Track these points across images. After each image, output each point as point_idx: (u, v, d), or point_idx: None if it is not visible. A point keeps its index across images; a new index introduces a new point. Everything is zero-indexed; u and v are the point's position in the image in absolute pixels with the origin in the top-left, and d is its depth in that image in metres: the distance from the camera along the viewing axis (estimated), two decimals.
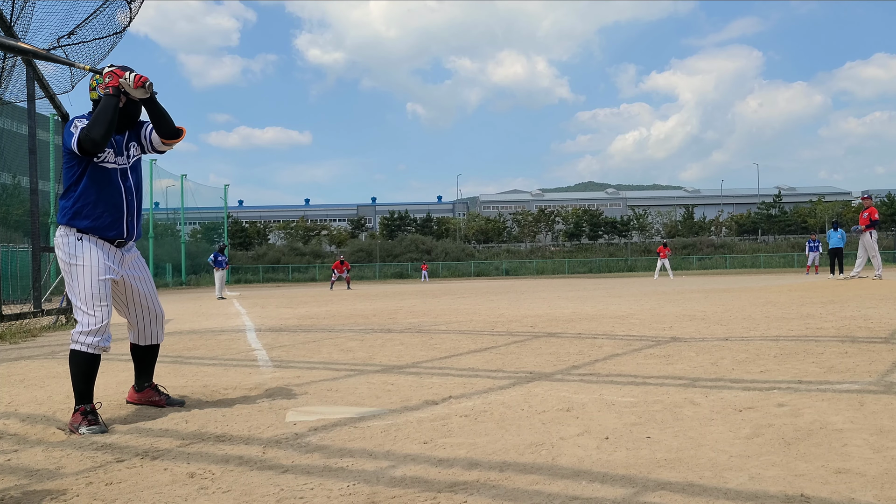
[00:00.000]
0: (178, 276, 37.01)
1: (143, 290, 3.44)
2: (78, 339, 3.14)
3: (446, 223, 64.73)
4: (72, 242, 3.20)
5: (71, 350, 3.16)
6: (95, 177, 3.20)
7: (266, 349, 6.05)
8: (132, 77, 3.10)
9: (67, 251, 3.20)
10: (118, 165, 3.29)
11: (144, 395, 3.57)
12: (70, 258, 3.18)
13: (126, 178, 3.33)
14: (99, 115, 3.06)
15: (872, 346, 5.03)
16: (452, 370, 4.53)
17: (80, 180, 3.20)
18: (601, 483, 2.12)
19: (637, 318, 8.10)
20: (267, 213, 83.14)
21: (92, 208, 3.19)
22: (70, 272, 3.19)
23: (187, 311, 12.72)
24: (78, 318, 3.17)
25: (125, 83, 3.10)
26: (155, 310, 3.51)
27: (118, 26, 7.83)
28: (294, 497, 2.08)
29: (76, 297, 3.18)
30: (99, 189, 3.21)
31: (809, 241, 27.39)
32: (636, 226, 62.57)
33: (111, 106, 3.08)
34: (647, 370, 4.30)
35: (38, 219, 9.01)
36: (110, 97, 3.09)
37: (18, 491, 2.21)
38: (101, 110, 3.08)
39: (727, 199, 78.34)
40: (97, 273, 3.18)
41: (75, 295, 3.18)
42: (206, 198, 44.09)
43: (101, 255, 3.21)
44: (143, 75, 3.13)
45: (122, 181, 3.31)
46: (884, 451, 2.38)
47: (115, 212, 3.25)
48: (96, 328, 3.14)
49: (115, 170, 3.28)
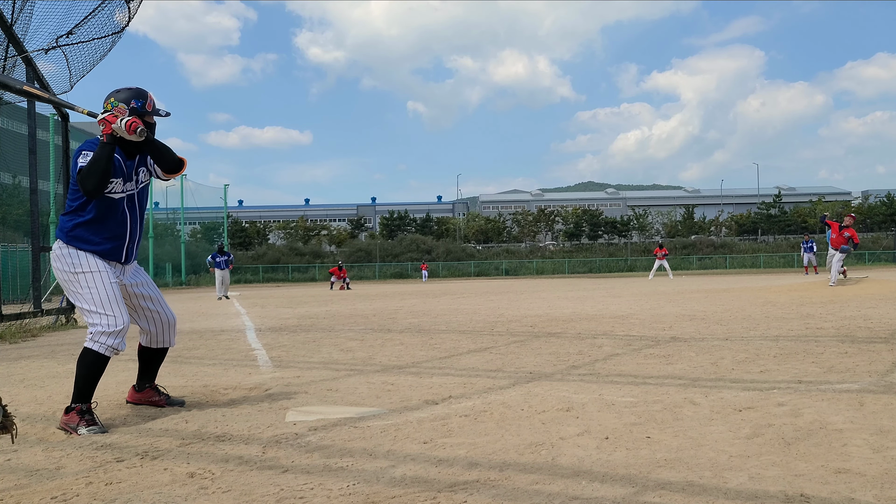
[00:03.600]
0: (178, 276, 36.99)
1: (149, 295, 3.43)
2: (98, 339, 3.09)
3: (446, 223, 64.68)
4: (72, 254, 3.17)
5: (85, 348, 3.11)
6: (101, 206, 3.17)
7: (266, 349, 6.05)
8: (124, 124, 3.03)
9: (69, 261, 3.16)
10: (125, 192, 3.25)
11: (144, 395, 3.55)
12: (73, 268, 3.15)
13: (132, 204, 3.30)
14: (92, 167, 3.02)
15: (872, 346, 5.03)
16: (452, 370, 4.52)
17: (86, 206, 3.17)
18: (601, 483, 2.12)
19: (637, 318, 8.10)
20: (267, 212, 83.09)
21: (93, 234, 3.18)
22: (76, 281, 3.15)
23: (187, 311, 12.71)
24: (93, 321, 3.12)
25: (118, 129, 3.04)
26: (166, 314, 3.49)
27: (117, 26, 7.82)
28: (294, 497, 2.08)
29: (88, 304, 3.13)
30: (103, 218, 3.19)
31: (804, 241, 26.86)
32: (636, 226, 62.55)
33: (104, 156, 3.03)
34: (647, 370, 4.30)
35: (37, 219, 9.01)
36: (104, 146, 3.04)
37: (18, 491, 2.21)
38: (94, 161, 3.03)
39: (727, 199, 78.29)
40: (106, 277, 3.16)
41: (86, 301, 3.13)
42: (205, 198, 44.06)
43: (103, 263, 3.20)
44: (135, 120, 3.06)
45: (129, 208, 3.28)
46: (884, 451, 2.38)
47: (117, 240, 3.24)
48: (118, 329, 3.11)
49: (123, 198, 3.24)
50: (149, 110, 3.27)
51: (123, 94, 3.23)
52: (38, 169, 9.09)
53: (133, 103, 3.22)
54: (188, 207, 40.55)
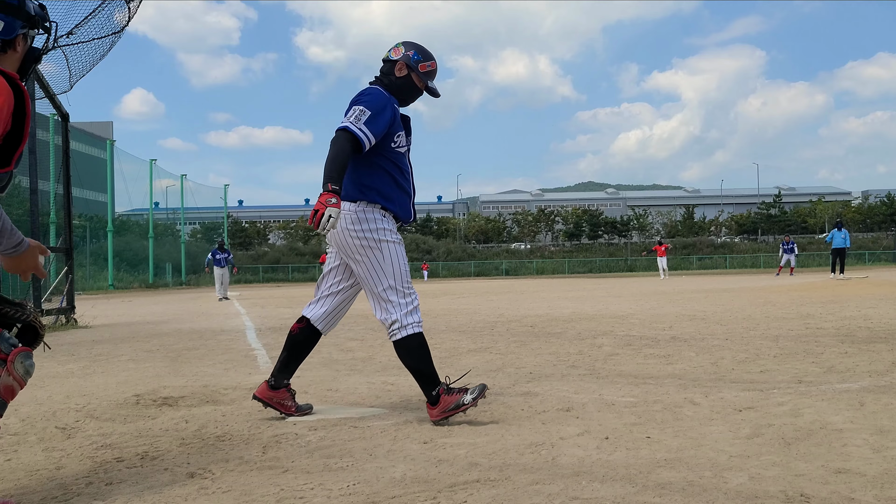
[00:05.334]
0: (178, 276, 36.97)
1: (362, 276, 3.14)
2: (408, 323, 2.92)
3: (446, 223, 64.69)
4: (378, 218, 2.95)
5: (405, 337, 2.92)
6: (395, 159, 3.03)
7: (266, 349, 6.05)
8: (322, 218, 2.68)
9: (375, 226, 2.93)
10: (408, 147, 3.12)
11: (279, 395, 3.14)
12: (379, 234, 2.93)
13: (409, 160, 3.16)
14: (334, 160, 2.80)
15: (872, 346, 5.03)
16: (452, 370, 4.52)
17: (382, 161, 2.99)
18: (601, 483, 2.12)
19: (637, 318, 8.10)
20: (267, 212, 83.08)
21: (391, 190, 3.01)
22: (380, 249, 2.93)
23: (187, 311, 12.71)
24: (392, 299, 2.93)
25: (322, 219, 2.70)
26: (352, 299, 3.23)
27: (117, 26, 7.82)
28: (294, 497, 2.08)
29: (389, 278, 2.93)
30: (398, 172, 3.03)
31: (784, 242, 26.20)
32: (636, 226, 62.55)
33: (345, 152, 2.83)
34: (647, 370, 4.30)
35: (38, 219, 9.00)
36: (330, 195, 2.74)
37: (18, 491, 2.21)
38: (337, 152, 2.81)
39: (727, 199, 78.25)
40: (403, 249, 2.99)
41: (386, 276, 2.92)
42: (205, 198, 44.08)
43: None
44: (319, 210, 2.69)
45: (410, 163, 3.14)
46: (884, 451, 2.38)
47: (406, 195, 3.08)
48: (417, 304, 2.97)
49: (406, 152, 3.11)
50: (421, 72, 3.09)
51: (414, 46, 3.09)
52: (38, 169, 9.09)
53: (413, 56, 3.07)
54: (188, 207, 40.56)
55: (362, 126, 2.85)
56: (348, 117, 2.88)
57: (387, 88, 3.07)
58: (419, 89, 3.15)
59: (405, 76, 3.09)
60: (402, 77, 3.08)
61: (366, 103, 2.90)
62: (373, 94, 2.97)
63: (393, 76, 3.09)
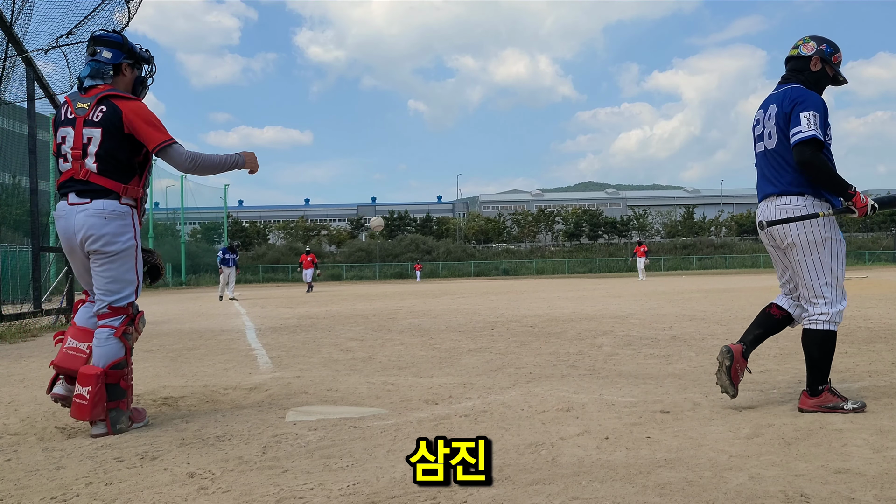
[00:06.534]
0: (178, 276, 36.97)
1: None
2: (835, 320, 3.03)
3: (446, 223, 64.67)
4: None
5: (826, 331, 3.02)
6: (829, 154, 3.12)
7: (266, 349, 6.05)
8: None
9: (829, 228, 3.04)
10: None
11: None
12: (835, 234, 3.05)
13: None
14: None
15: (872, 346, 5.03)
16: (452, 370, 4.52)
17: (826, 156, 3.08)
18: (601, 483, 2.11)
19: (637, 318, 8.10)
20: (267, 213, 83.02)
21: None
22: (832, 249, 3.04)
23: (187, 311, 12.71)
24: (827, 296, 3.03)
25: None
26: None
27: (117, 26, 7.82)
28: (294, 497, 2.08)
29: (833, 277, 3.03)
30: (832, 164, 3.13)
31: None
32: (636, 226, 62.54)
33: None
34: (647, 370, 4.30)
35: (37, 219, 9.00)
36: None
37: (18, 491, 2.21)
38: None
39: (727, 199, 78.25)
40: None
41: (832, 275, 3.03)
42: (205, 198, 44.02)
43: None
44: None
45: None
46: (884, 451, 2.38)
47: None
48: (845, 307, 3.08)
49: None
50: (834, 63, 3.16)
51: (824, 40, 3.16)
52: (38, 169, 9.08)
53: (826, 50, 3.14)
54: (188, 207, 40.54)
55: (822, 131, 2.98)
56: (808, 124, 2.95)
57: (805, 84, 3.14)
58: (830, 79, 3.22)
59: (820, 69, 3.17)
60: (817, 71, 3.17)
61: (813, 107, 2.99)
62: (811, 96, 3.04)
63: (808, 71, 3.17)
